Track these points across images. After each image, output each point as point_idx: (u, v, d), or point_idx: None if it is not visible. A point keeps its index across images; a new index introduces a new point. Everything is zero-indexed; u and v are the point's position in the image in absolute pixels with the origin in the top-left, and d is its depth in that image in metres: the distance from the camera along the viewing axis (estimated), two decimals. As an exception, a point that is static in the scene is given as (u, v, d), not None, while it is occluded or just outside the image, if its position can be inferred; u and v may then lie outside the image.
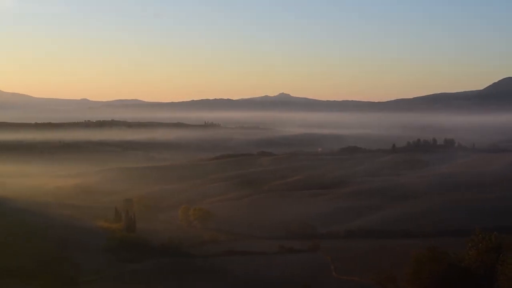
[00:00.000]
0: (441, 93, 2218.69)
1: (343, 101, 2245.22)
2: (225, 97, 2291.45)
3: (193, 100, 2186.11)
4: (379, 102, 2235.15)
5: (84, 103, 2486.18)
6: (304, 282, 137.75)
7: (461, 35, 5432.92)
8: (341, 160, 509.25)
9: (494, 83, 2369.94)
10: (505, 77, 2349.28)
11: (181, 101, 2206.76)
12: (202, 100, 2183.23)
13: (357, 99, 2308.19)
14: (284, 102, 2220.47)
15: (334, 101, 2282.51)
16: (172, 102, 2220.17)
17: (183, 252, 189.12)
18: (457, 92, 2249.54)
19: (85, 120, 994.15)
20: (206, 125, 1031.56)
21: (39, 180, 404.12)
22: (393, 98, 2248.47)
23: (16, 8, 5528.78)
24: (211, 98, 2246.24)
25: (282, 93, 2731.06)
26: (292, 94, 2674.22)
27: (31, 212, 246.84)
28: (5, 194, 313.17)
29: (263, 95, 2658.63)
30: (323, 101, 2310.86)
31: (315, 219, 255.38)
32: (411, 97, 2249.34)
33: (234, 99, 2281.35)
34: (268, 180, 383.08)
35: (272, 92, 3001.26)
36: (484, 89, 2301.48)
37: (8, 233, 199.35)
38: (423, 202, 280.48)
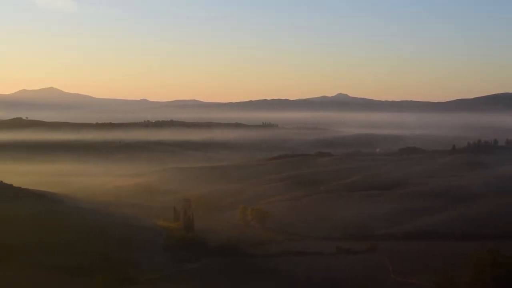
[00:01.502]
0: (502, 93, 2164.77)
1: (401, 101, 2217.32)
2: (283, 98, 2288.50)
3: (251, 101, 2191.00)
4: (438, 103, 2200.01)
5: (144, 104, 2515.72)
6: (361, 284, 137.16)
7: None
8: (399, 161, 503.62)
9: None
10: None
11: (239, 101, 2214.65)
12: (260, 100, 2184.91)
13: (416, 100, 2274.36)
14: (342, 102, 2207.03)
15: (393, 101, 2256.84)
16: (230, 103, 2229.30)
17: (241, 252, 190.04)
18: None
19: (144, 120, 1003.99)
20: (264, 125, 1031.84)
21: (100, 179, 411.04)
22: (453, 98, 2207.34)
23: (78, 9, 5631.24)
24: (269, 99, 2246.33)
25: (340, 93, 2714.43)
26: (350, 94, 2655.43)
27: (91, 211, 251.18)
28: (67, 192, 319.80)
29: (321, 95, 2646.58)
30: (382, 101, 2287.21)
31: (372, 220, 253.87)
32: (472, 97, 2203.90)
33: (291, 99, 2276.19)
34: (326, 180, 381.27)
35: (330, 92, 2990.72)
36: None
37: (69, 232, 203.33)
38: (483, 204, 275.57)
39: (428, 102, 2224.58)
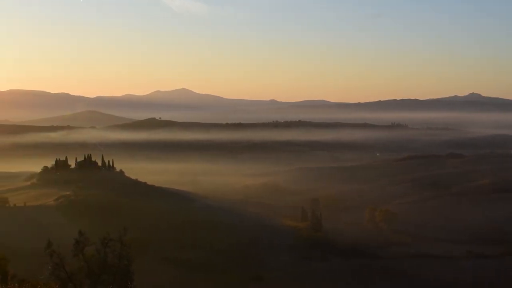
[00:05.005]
0: None
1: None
2: (413, 97, 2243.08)
3: (379, 101, 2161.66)
4: None
5: (273, 104, 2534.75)
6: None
7: None
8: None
9: None
10: None
11: (367, 101, 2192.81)
12: (389, 100, 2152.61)
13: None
14: (474, 102, 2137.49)
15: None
16: (358, 103, 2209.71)
17: (368, 253, 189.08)
18: None
19: (273, 121, 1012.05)
20: (393, 126, 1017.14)
21: (229, 179, 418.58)
22: None
23: (209, 13, 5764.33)
24: (398, 98, 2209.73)
25: (473, 92, 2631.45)
26: (483, 94, 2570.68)
27: (221, 209, 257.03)
28: (198, 191, 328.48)
29: (452, 95, 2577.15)
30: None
31: (505, 223, 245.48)
32: None
33: (421, 99, 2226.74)
34: (456, 182, 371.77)
35: (462, 91, 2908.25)
36: None
37: (200, 229, 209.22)
38: None
39: None
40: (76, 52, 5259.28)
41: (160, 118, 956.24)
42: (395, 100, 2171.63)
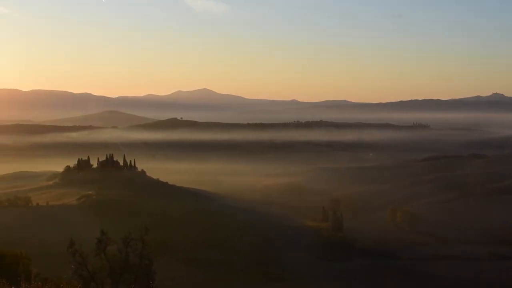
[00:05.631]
0: None
1: None
2: (435, 98, 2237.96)
3: (401, 101, 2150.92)
4: None
5: (294, 104, 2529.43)
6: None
7: None
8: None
9: None
10: None
11: (389, 101, 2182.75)
12: (410, 100, 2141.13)
13: None
14: (497, 102, 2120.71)
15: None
16: (380, 103, 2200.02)
17: (390, 253, 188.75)
18: None
19: (294, 121, 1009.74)
20: (415, 126, 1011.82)
21: (249, 179, 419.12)
22: None
23: (231, 12, 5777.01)
24: (420, 99, 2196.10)
25: (496, 93, 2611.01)
26: (506, 94, 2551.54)
27: (241, 209, 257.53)
28: (218, 191, 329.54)
29: (474, 95, 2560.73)
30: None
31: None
32: None
33: (444, 99, 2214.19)
34: (479, 183, 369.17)
35: (484, 92, 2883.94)
36: None
37: (220, 229, 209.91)
38: None
39: None
40: (98, 53, 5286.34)
41: (181, 118, 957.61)
42: (417, 100, 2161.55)
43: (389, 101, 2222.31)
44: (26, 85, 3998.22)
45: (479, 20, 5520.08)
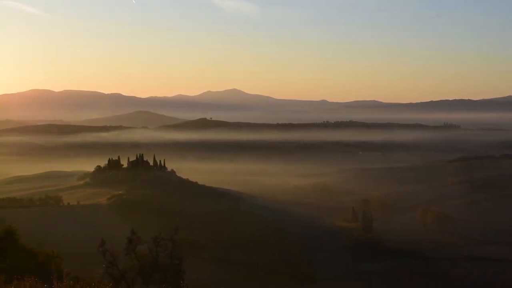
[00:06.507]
0: None
1: None
2: (466, 98, 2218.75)
3: (432, 101, 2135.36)
4: None
5: (323, 104, 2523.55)
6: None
7: None
8: None
9: None
10: None
11: (419, 101, 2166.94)
12: (441, 100, 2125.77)
13: None
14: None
15: None
16: (410, 103, 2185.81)
17: (420, 254, 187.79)
18: None
19: (323, 121, 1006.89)
20: (445, 126, 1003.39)
21: (279, 179, 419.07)
22: None
23: (261, 13, 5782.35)
24: (450, 99, 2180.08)
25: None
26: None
27: (271, 210, 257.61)
28: (248, 191, 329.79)
29: (506, 95, 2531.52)
30: None
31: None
32: None
33: (475, 99, 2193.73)
34: (510, 183, 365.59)
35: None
36: None
37: (250, 229, 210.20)
38: None
39: None
40: (128, 53, 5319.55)
41: (211, 118, 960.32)
42: (447, 100, 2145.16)
43: (419, 101, 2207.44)
44: (58, 86, 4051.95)
45: (510, 20, 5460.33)
